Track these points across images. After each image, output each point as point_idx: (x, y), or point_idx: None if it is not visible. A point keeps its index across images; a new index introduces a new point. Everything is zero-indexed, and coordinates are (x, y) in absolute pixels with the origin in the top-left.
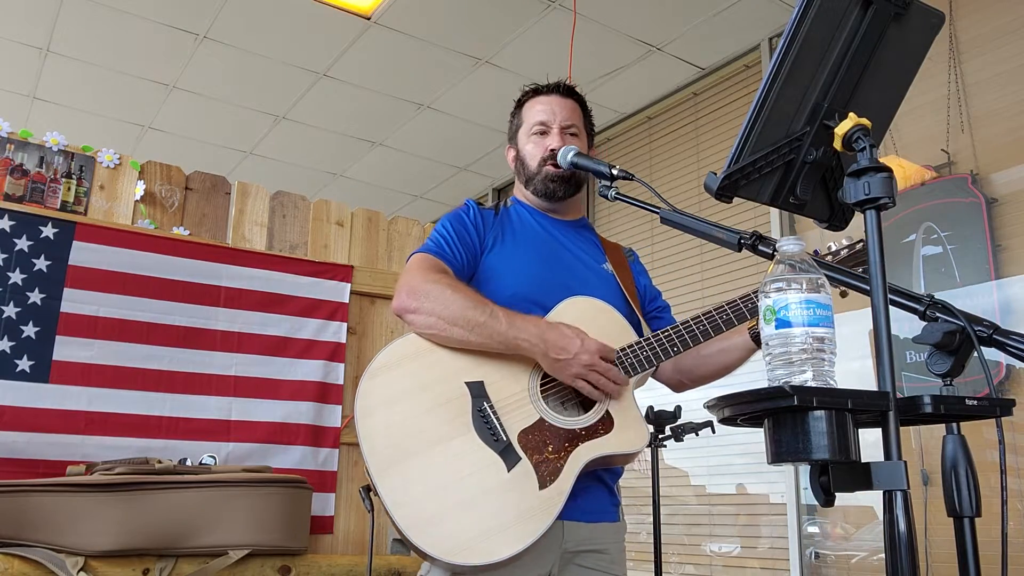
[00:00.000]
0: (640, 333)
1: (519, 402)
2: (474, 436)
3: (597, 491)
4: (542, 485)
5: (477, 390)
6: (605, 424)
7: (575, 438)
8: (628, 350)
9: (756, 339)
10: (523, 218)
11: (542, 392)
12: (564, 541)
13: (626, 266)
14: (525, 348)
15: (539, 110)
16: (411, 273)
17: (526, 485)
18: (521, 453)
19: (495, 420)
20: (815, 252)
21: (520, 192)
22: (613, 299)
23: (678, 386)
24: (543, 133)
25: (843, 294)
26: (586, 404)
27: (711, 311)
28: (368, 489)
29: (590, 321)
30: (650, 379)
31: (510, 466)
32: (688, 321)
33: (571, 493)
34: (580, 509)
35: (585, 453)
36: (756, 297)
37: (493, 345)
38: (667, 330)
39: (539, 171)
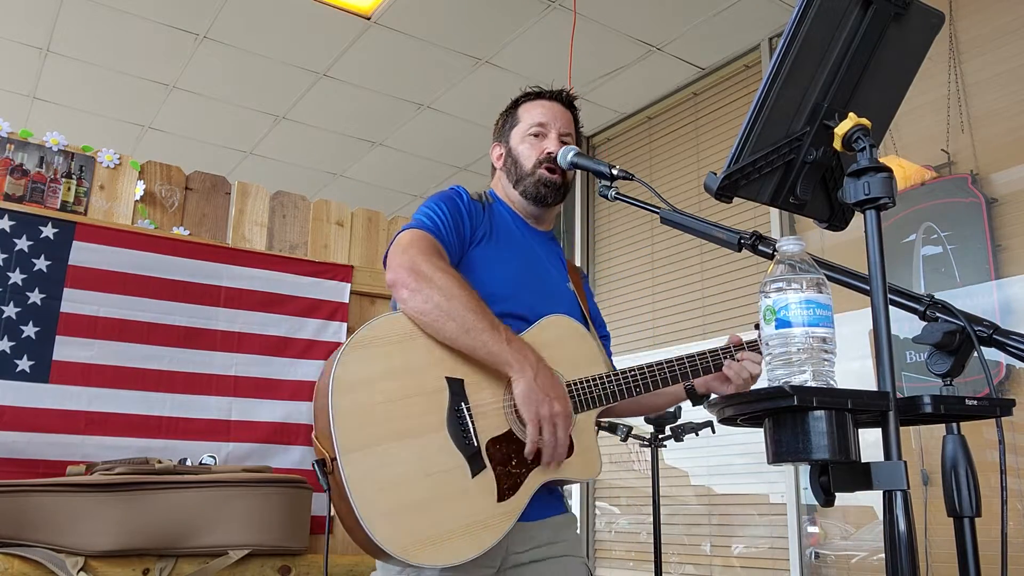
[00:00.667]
0: None
1: (493, 410)
2: (446, 435)
3: (542, 491)
4: (501, 498)
5: (456, 388)
6: (567, 450)
7: (537, 457)
8: (595, 381)
9: (690, 393)
10: (505, 220)
11: (515, 405)
12: (511, 542)
13: (581, 288)
14: (511, 368)
15: (540, 113)
16: (412, 249)
17: (485, 495)
18: (487, 461)
19: (469, 423)
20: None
21: (503, 191)
22: (576, 318)
23: (624, 413)
24: (540, 135)
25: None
26: None
27: (672, 362)
28: (322, 464)
29: (568, 342)
30: None
31: (474, 473)
32: (653, 366)
33: None
34: (528, 511)
35: (542, 475)
36: (715, 357)
37: (481, 354)
38: (632, 372)
39: (533, 172)
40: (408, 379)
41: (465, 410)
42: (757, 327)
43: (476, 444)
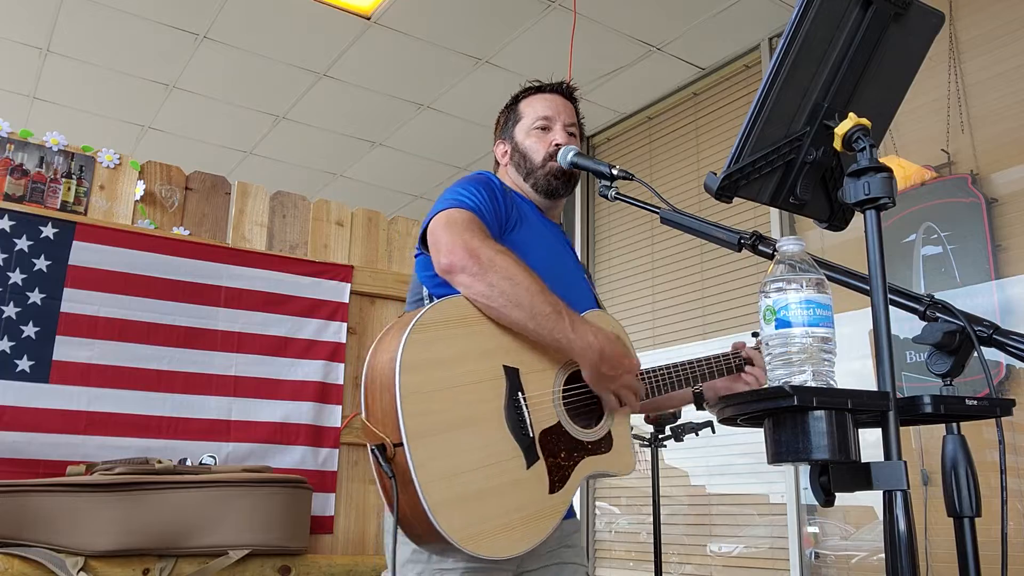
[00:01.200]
0: None
1: (545, 401)
2: (503, 425)
3: None
4: (552, 489)
5: (512, 377)
6: (606, 443)
7: (583, 450)
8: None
9: (698, 398)
10: (528, 208)
11: (564, 396)
12: (562, 535)
13: (590, 278)
14: (577, 353)
15: (543, 106)
16: (464, 231)
17: (538, 486)
18: (540, 453)
19: (526, 414)
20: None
21: (513, 185)
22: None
23: (640, 412)
24: (546, 129)
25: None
26: (589, 419)
27: (705, 360)
28: (383, 449)
29: None
30: None
31: (529, 463)
32: (684, 364)
33: None
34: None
35: (588, 467)
36: (736, 359)
37: (546, 339)
38: (667, 369)
39: (544, 166)
40: (470, 365)
41: (522, 400)
42: (756, 335)
43: (532, 435)
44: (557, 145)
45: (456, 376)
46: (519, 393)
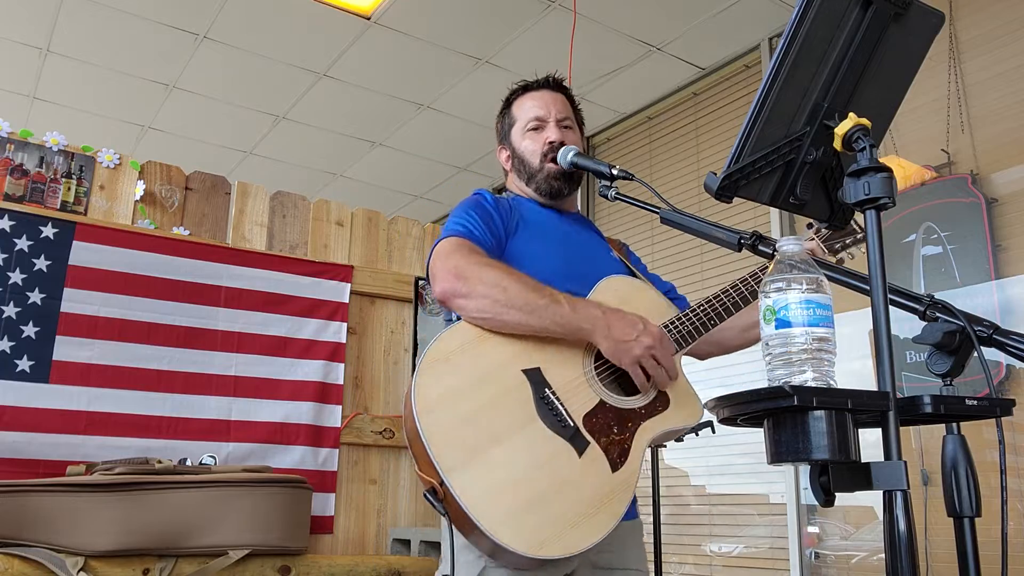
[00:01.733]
0: None
1: (578, 386)
2: (540, 425)
3: None
4: (614, 467)
5: (536, 377)
6: (662, 401)
7: (636, 418)
8: (672, 325)
9: None
10: (532, 209)
11: (598, 374)
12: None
13: (626, 257)
14: (587, 331)
15: (532, 106)
16: (452, 256)
17: (599, 469)
18: (589, 437)
19: (560, 406)
20: (808, 226)
21: (518, 189)
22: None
23: (704, 356)
24: (539, 128)
25: (840, 262)
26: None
27: (737, 283)
28: (434, 492)
29: (631, 298)
30: None
31: (580, 451)
32: (719, 294)
33: None
34: None
35: (647, 431)
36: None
37: (553, 329)
38: (706, 302)
39: (541, 167)
40: (488, 383)
41: (551, 395)
42: (810, 226)
43: (573, 423)
44: (551, 143)
45: (475, 399)
46: (546, 389)
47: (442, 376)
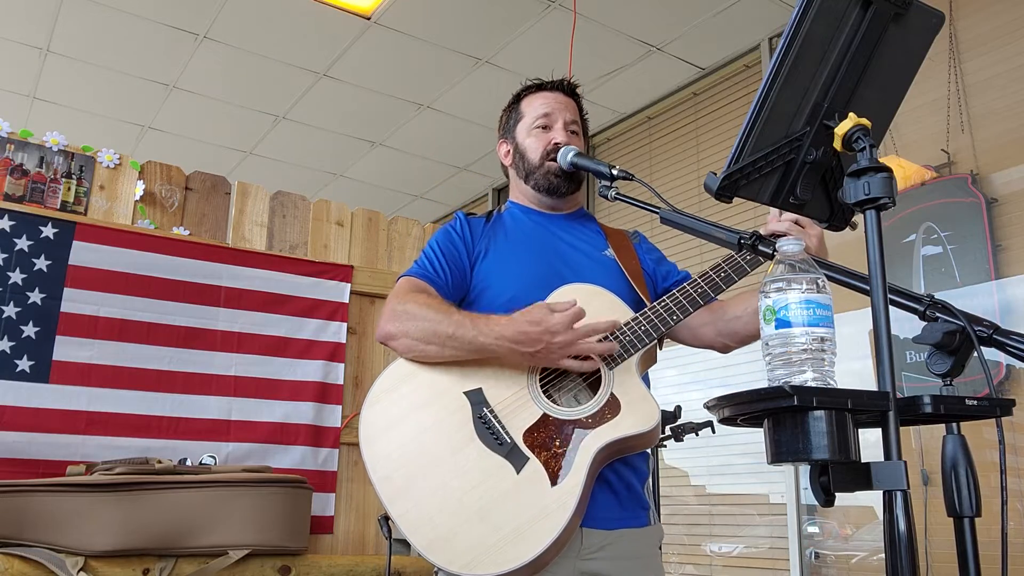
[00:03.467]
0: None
1: (520, 402)
2: (479, 444)
3: (616, 495)
4: (554, 482)
5: (476, 397)
6: (612, 408)
7: (582, 428)
8: (618, 331)
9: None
10: (517, 219)
11: (543, 388)
12: (582, 548)
13: (630, 248)
14: (494, 350)
15: (542, 105)
16: (390, 298)
17: (538, 484)
18: (528, 453)
19: (496, 424)
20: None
21: (517, 190)
22: (614, 283)
23: (723, 348)
24: (546, 128)
25: (853, 226)
26: (591, 393)
27: (708, 272)
28: (387, 518)
29: (584, 306)
30: (693, 347)
31: (519, 468)
32: (685, 286)
33: (591, 498)
34: (598, 516)
35: (594, 441)
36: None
37: (467, 355)
38: (663, 300)
39: (542, 165)
40: (429, 409)
41: (488, 413)
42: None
43: (510, 440)
44: (556, 144)
45: (416, 426)
46: (484, 408)
47: (387, 407)
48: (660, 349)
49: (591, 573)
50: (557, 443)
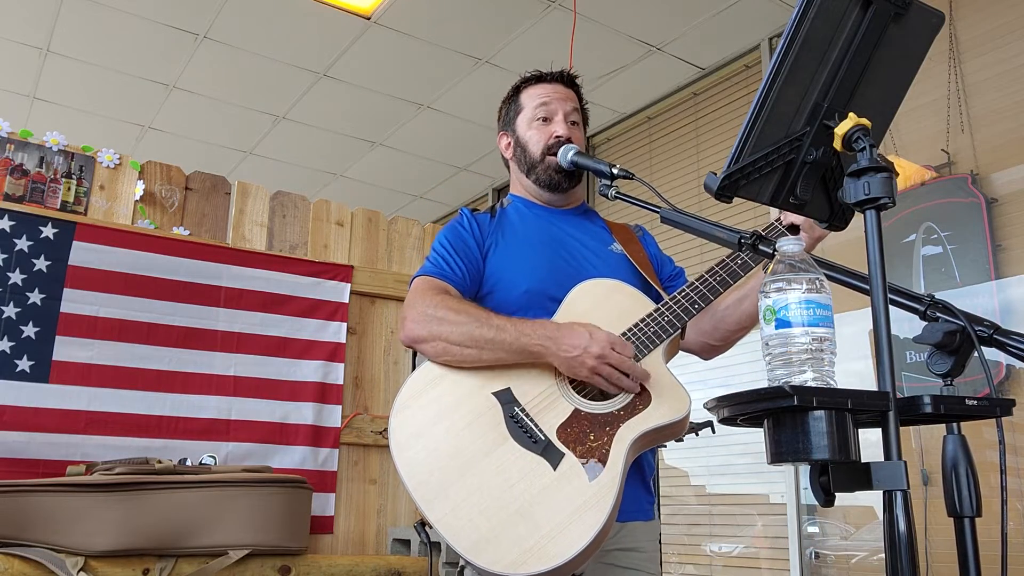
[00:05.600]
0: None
1: (550, 399)
2: (513, 444)
3: (630, 488)
4: (592, 476)
5: (506, 397)
6: (642, 399)
7: (615, 421)
8: (641, 324)
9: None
10: (522, 214)
11: (572, 385)
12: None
13: (635, 241)
14: (538, 353)
15: (542, 96)
16: (414, 300)
17: (576, 479)
18: (563, 449)
19: (529, 422)
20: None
21: (519, 184)
22: (627, 277)
23: (707, 351)
24: (547, 120)
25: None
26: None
27: (714, 267)
28: (423, 524)
29: (604, 301)
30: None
31: (555, 464)
32: (694, 282)
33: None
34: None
35: (628, 432)
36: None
37: (507, 358)
38: (675, 295)
39: (543, 159)
40: (459, 412)
41: (520, 412)
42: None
43: (544, 437)
44: (557, 137)
45: (448, 429)
46: (515, 408)
47: (416, 412)
48: (682, 339)
49: (605, 563)
50: (592, 437)
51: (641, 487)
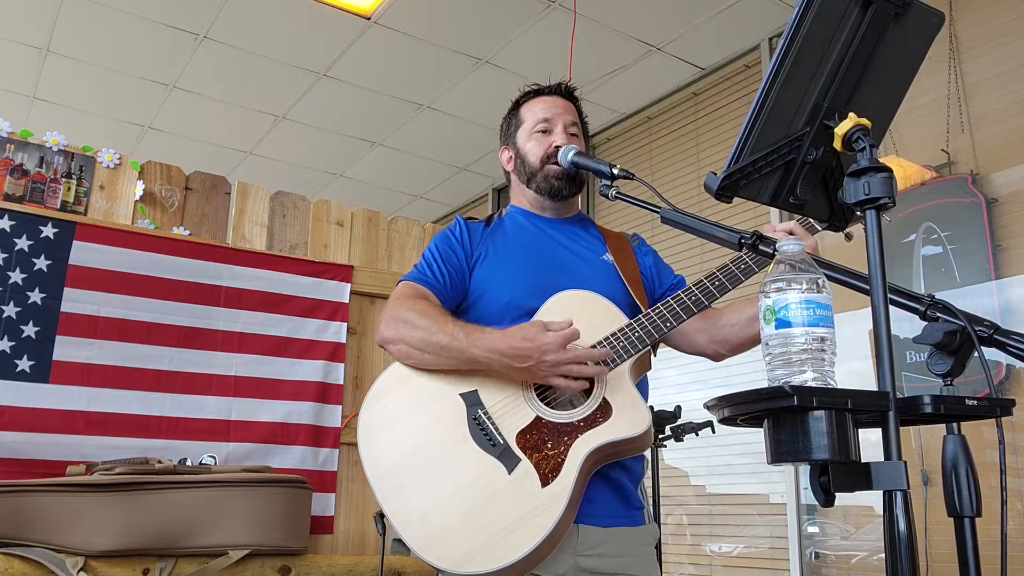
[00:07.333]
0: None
1: (514, 404)
2: (472, 444)
3: (612, 494)
4: (544, 482)
5: (472, 399)
6: (603, 412)
7: (573, 431)
8: (611, 338)
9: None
10: (517, 223)
11: (537, 391)
12: (579, 544)
13: (628, 252)
14: (486, 363)
15: (542, 109)
16: (390, 303)
17: (529, 485)
18: (520, 454)
19: (490, 425)
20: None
21: (519, 194)
22: (611, 288)
23: (715, 356)
24: (546, 131)
25: (848, 237)
26: (583, 398)
27: (702, 279)
28: (382, 515)
29: (576, 313)
30: (686, 353)
31: (510, 468)
32: (669, 300)
33: (586, 497)
34: (595, 513)
35: (584, 444)
36: (749, 258)
37: (461, 366)
38: (657, 307)
39: (542, 168)
40: (425, 410)
41: (482, 415)
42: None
43: (503, 441)
44: (556, 147)
45: (413, 424)
46: (479, 410)
47: (385, 406)
48: (654, 355)
49: (588, 569)
50: (549, 445)
51: (622, 493)
